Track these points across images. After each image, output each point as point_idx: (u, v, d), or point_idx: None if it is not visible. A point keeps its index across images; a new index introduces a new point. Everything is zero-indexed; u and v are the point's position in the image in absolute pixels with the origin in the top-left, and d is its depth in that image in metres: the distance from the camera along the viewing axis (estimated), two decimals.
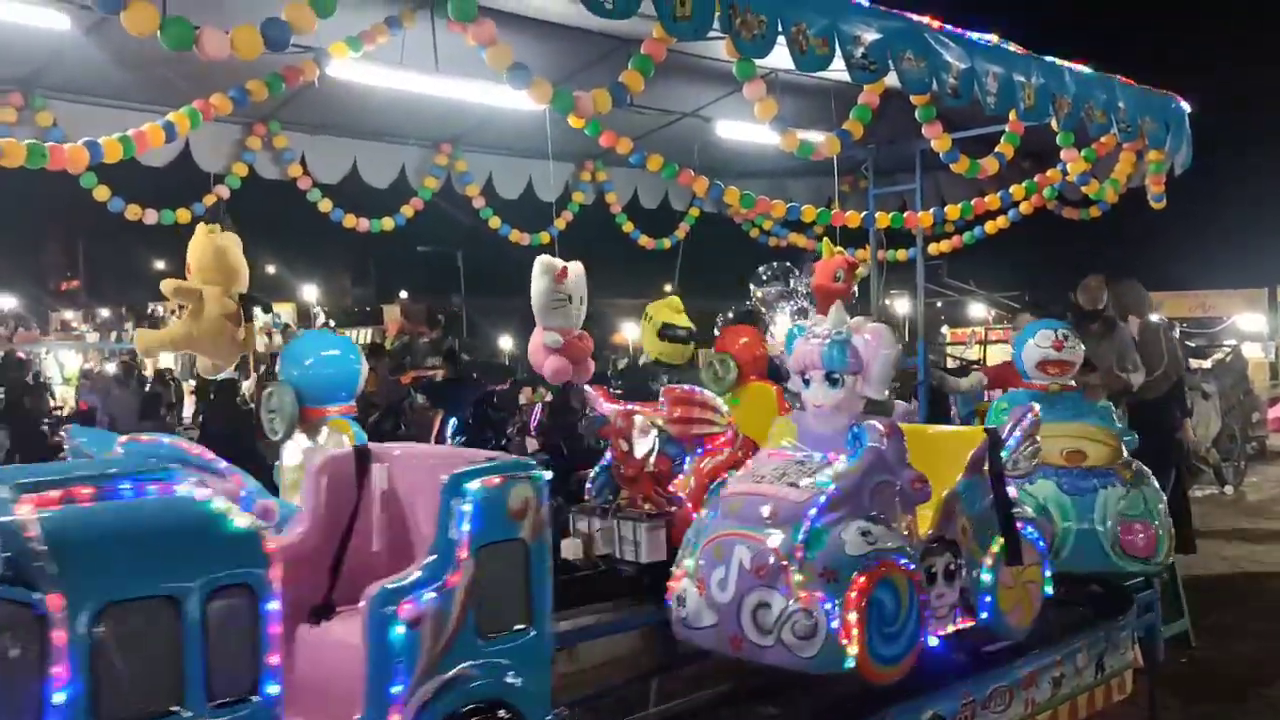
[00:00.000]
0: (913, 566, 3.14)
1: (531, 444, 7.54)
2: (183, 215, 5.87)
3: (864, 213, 6.03)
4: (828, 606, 2.95)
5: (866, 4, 4.06)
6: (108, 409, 10.62)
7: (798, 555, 3.02)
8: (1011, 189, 6.11)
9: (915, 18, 4.23)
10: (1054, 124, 4.85)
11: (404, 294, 37.95)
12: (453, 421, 8.33)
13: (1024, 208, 6.62)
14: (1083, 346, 4.61)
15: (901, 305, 17.37)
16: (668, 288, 5.81)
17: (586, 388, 4.81)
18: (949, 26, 4.38)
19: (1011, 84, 4.47)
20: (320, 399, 3.62)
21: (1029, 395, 4.41)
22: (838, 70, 3.98)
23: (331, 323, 32.91)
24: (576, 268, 4.69)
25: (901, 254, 7.56)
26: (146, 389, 12.59)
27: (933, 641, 3.28)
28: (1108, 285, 6.54)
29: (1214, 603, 6.83)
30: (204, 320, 4.15)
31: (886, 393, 3.38)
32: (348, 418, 3.59)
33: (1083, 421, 4.44)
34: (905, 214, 5.99)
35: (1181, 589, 6.07)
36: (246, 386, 11.27)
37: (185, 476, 2.21)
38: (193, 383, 13.24)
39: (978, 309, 19.82)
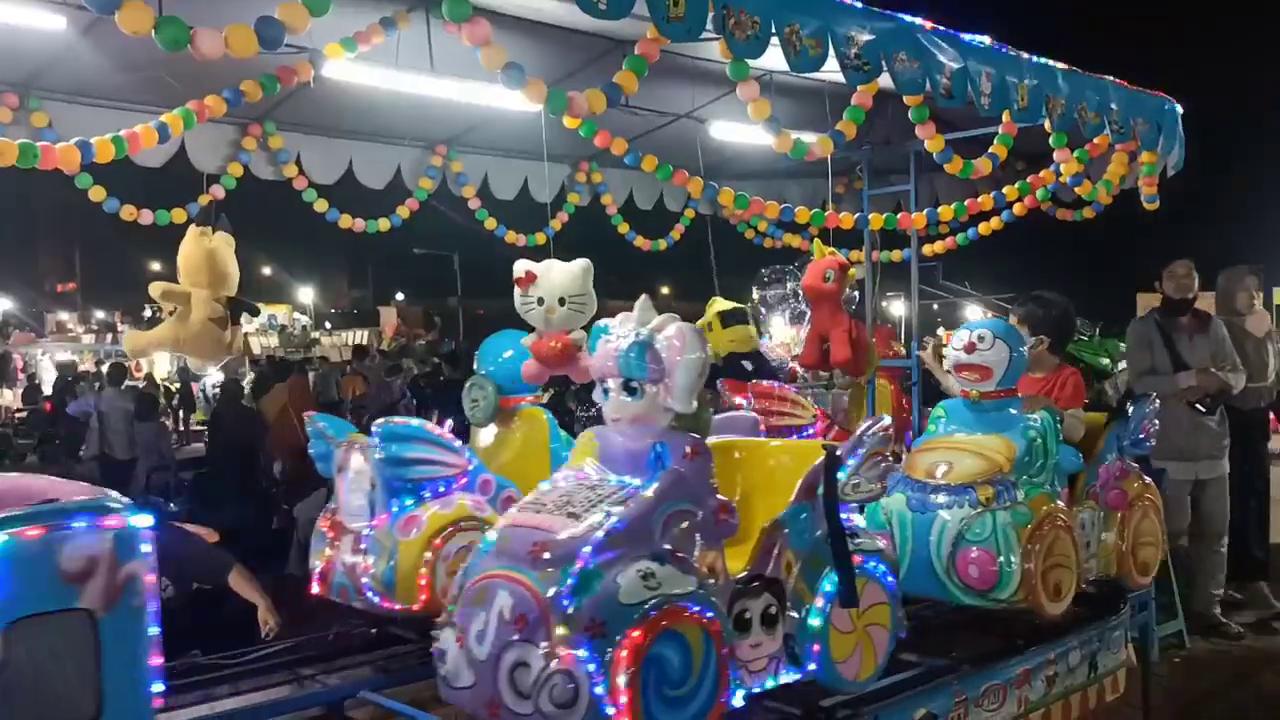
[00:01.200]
0: (711, 614, 2.58)
1: None
2: (178, 215, 5.89)
3: (858, 214, 6.04)
4: (591, 667, 2.41)
5: (860, 5, 4.08)
6: (99, 409, 10.60)
7: (563, 604, 2.47)
8: (1005, 190, 6.14)
9: (908, 19, 4.25)
10: (1047, 125, 4.87)
11: (400, 296, 38.03)
12: (449, 422, 8.34)
13: (1017, 209, 6.64)
14: (1009, 350, 3.79)
15: (897, 307, 17.43)
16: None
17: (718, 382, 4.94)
18: (942, 28, 4.40)
19: (1005, 85, 4.49)
20: (515, 390, 4.01)
21: (964, 404, 3.93)
22: (831, 71, 3.99)
23: (328, 324, 32.92)
24: (549, 268, 4.55)
25: (896, 255, 7.58)
26: (140, 390, 12.58)
27: (738, 700, 2.72)
28: (1220, 273, 6.10)
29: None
30: (191, 323, 4.16)
31: (695, 404, 2.78)
32: (540, 406, 4.07)
33: (994, 433, 3.78)
34: (899, 215, 6.00)
35: (1177, 588, 6.09)
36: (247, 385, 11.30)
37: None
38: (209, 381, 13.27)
39: (974, 311, 19.89)
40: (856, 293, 6.78)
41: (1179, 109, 5.59)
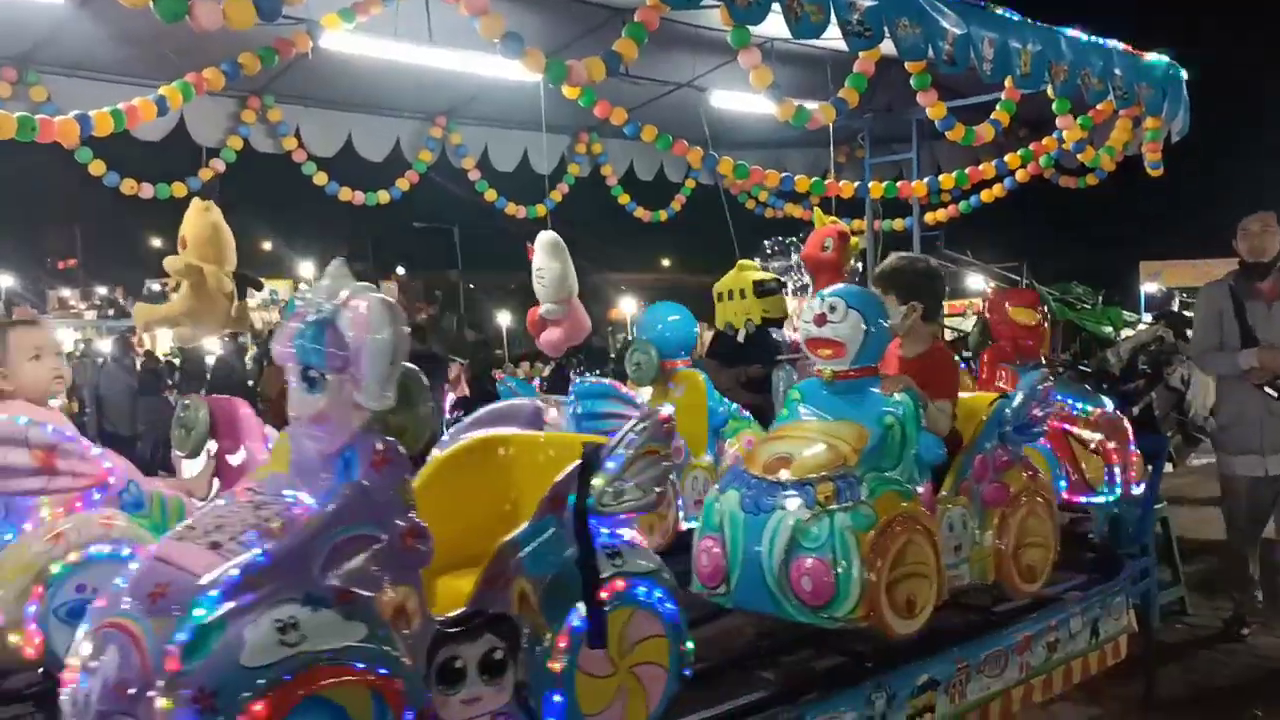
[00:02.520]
0: (387, 670, 1.99)
1: None
2: (178, 189, 5.88)
3: (858, 182, 6.01)
4: None
5: None
6: (102, 385, 10.63)
7: (170, 667, 1.87)
8: (1007, 157, 6.10)
9: None
10: (1050, 91, 4.83)
11: (401, 270, 37.97)
12: (450, 397, 8.40)
13: (1020, 176, 6.60)
14: (865, 321, 3.20)
15: None
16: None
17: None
18: None
19: (1008, 50, 4.45)
20: (673, 354, 4.42)
21: (820, 384, 3.36)
22: (833, 38, 3.96)
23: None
24: (537, 242, 4.88)
25: (898, 223, 7.55)
26: (140, 366, 12.60)
27: None
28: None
29: (1210, 570, 6.89)
30: (204, 296, 4.15)
31: (392, 398, 2.14)
32: (693, 368, 4.46)
33: (846, 420, 3.22)
34: (900, 183, 5.98)
35: (1178, 556, 6.11)
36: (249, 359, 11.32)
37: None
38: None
39: (976, 281, 19.81)
40: (860, 264, 6.77)
41: (1184, 73, 5.54)
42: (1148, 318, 14.40)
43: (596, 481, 2.40)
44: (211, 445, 3.36)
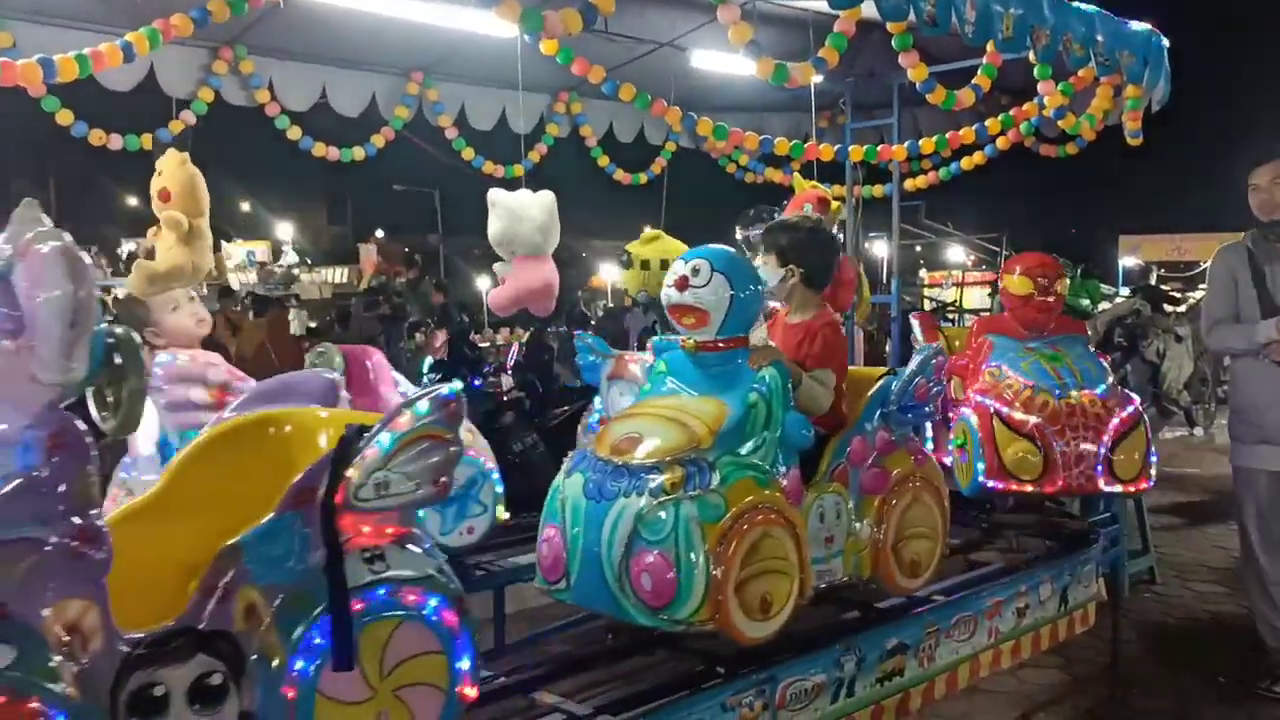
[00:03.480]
0: (40, 703, 1.63)
1: (507, 381, 7.58)
2: (147, 141, 5.76)
3: (838, 146, 5.96)
4: None
5: None
6: None
7: None
8: (987, 123, 6.06)
9: None
10: (1032, 56, 4.78)
11: (380, 233, 37.67)
12: (428, 360, 8.35)
13: (1001, 143, 6.57)
14: (730, 286, 2.86)
15: (879, 248, 17.39)
16: (647, 229, 5.74)
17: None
18: None
19: (989, 13, 4.39)
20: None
21: (685, 355, 2.99)
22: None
23: (307, 260, 32.61)
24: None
25: (878, 190, 7.52)
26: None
27: None
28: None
29: (1180, 542, 6.99)
30: (195, 250, 4.07)
31: (77, 369, 1.78)
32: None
33: (709, 396, 2.88)
34: (880, 147, 5.94)
35: (1148, 526, 6.19)
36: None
37: None
38: None
39: (956, 252, 19.88)
40: (840, 234, 6.73)
41: (1165, 42, 5.50)
42: (1125, 291, 14.53)
43: (351, 472, 1.99)
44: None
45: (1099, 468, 4.06)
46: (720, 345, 2.92)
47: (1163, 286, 15.02)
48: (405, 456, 2.04)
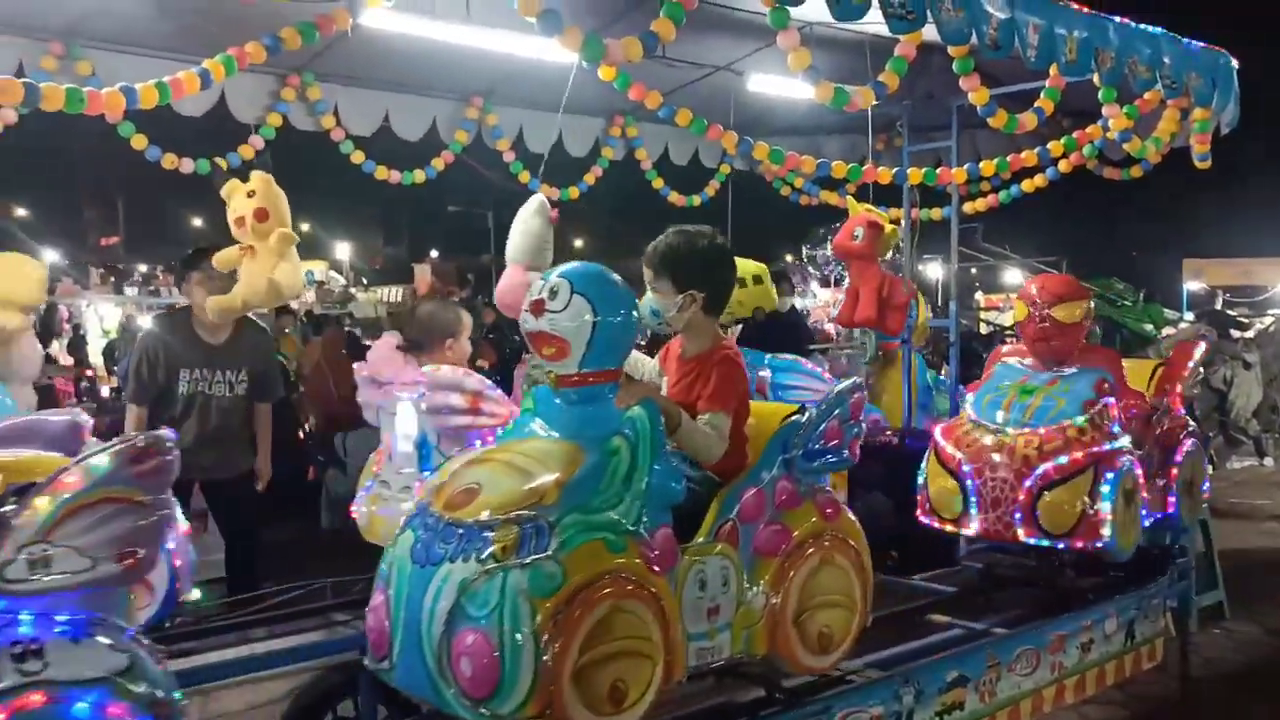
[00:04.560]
0: None
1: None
2: (220, 165, 5.94)
3: (896, 169, 5.93)
4: None
5: None
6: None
7: None
8: (1050, 145, 5.98)
9: None
10: (1096, 79, 4.72)
11: (435, 253, 38.21)
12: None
13: (1063, 165, 6.47)
14: (593, 312, 2.44)
15: (934, 270, 17.20)
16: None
17: None
18: None
19: (1053, 36, 4.35)
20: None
21: (549, 391, 2.57)
22: (873, 21, 3.89)
23: (363, 280, 33.17)
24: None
25: (936, 212, 7.44)
26: None
27: None
28: None
29: (1250, 575, 6.76)
30: (297, 266, 4.21)
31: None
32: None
33: (570, 440, 2.46)
34: (939, 169, 5.88)
35: (1217, 560, 6.00)
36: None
37: None
38: None
39: (1013, 275, 19.57)
40: (899, 256, 6.68)
41: (1235, 63, 5.40)
42: (1189, 316, 14.17)
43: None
44: None
45: (1017, 514, 3.72)
46: (582, 380, 2.48)
47: (1229, 311, 14.62)
48: (76, 526, 1.69)
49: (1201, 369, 4.32)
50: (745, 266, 5.86)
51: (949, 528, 3.94)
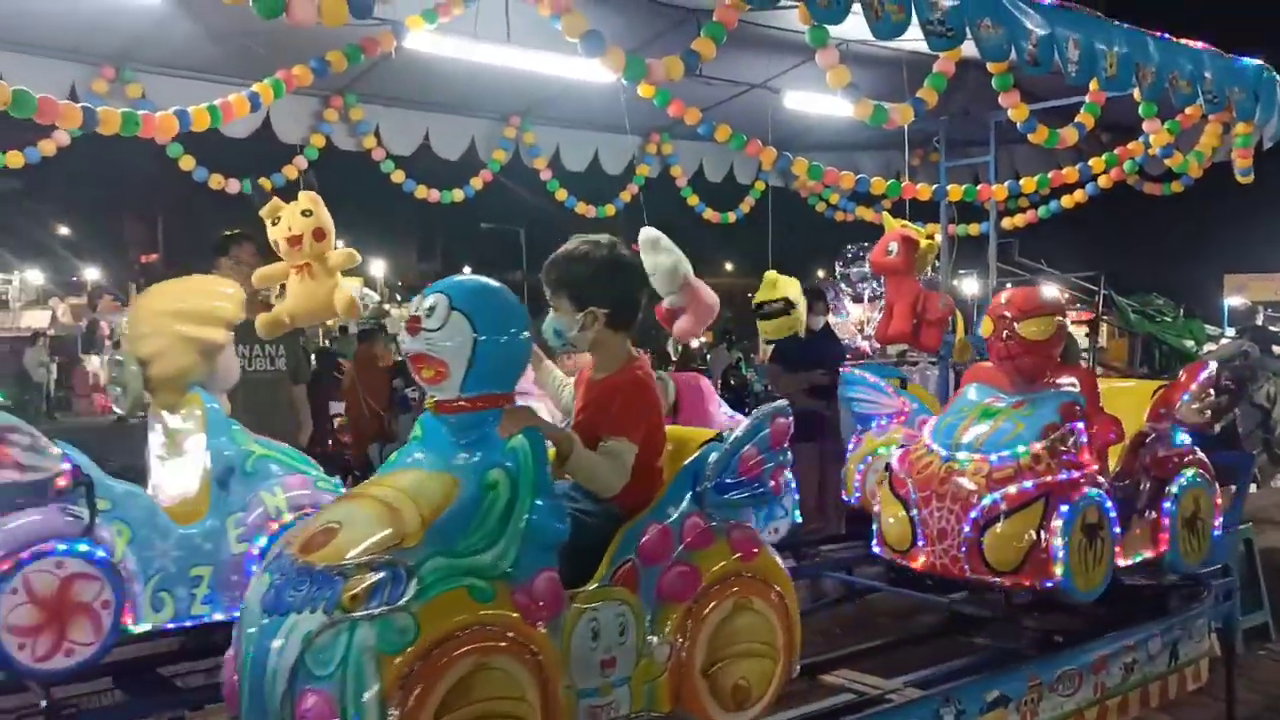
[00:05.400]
0: None
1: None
2: (265, 185, 6.05)
3: (935, 185, 5.92)
4: None
5: None
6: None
7: None
8: (1090, 162, 5.95)
9: None
10: (1137, 94, 4.70)
11: (468, 269, 38.43)
12: None
13: (1103, 181, 6.42)
14: (476, 327, 2.22)
15: (970, 285, 17.05)
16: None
17: None
18: None
19: (1093, 52, 4.33)
20: None
21: (433, 418, 2.33)
22: (911, 39, 3.90)
23: (397, 296, 33.59)
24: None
25: (974, 228, 7.42)
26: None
27: None
28: None
29: None
30: (331, 283, 4.27)
31: None
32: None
33: (445, 472, 2.22)
34: (979, 186, 5.87)
35: (1262, 579, 5.89)
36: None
37: None
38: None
39: (1050, 290, 19.42)
40: (936, 274, 6.66)
41: (1278, 76, 5.35)
42: (1230, 332, 13.96)
43: None
44: None
45: (963, 549, 3.38)
46: (463, 405, 2.24)
47: (1271, 327, 14.37)
48: None
49: (1211, 392, 3.93)
50: (780, 288, 5.82)
51: (899, 561, 3.60)
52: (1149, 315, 9.94)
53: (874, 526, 3.80)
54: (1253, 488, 8.94)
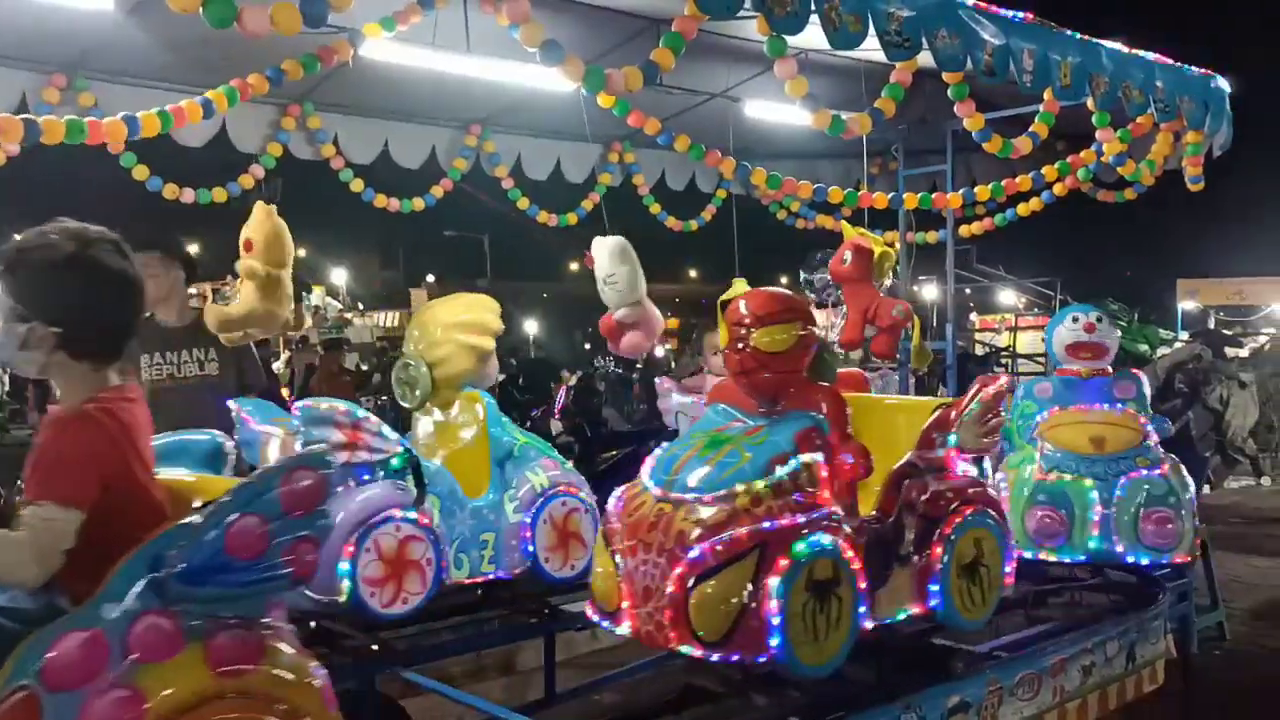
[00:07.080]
0: None
1: (556, 426, 7.62)
2: (219, 195, 5.97)
3: (892, 194, 5.98)
4: None
5: None
6: None
7: None
8: (1044, 170, 6.04)
9: None
10: (1090, 103, 4.78)
11: (431, 278, 38.25)
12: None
13: (1057, 189, 6.53)
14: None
15: (929, 291, 17.27)
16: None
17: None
18: (983, 3, 4.32)
19: (1048, 62, 4.40)
20: None
21: None
22: (869, 49, 3.94)
23: (359, 305, 33.28)
24: (596, 249, 4.71)
25: (931, 235, 7.50)
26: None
27: None
28: None
29: (1249, 595, 6.75)
30: (272, 298, 4.18)
31: None
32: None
33: None
34: (934, 194, 5.94)
35: (1216, 580, 6.00)
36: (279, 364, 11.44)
37: None
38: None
39: (1007, 296, 19.67)
40: (891, 281, 6.70)
41: (1227, 87, 5.46)
42: (1184, 336, 14.23)
43: None
44: None
45: (669, 612, 2.59)
46: None
47: (1224, 330, 14.69)
48: None
49: (1004, 412, 3.23)
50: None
51: (605, 624, 2.85)
52: None
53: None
54: (1206, 489, 9.12)
